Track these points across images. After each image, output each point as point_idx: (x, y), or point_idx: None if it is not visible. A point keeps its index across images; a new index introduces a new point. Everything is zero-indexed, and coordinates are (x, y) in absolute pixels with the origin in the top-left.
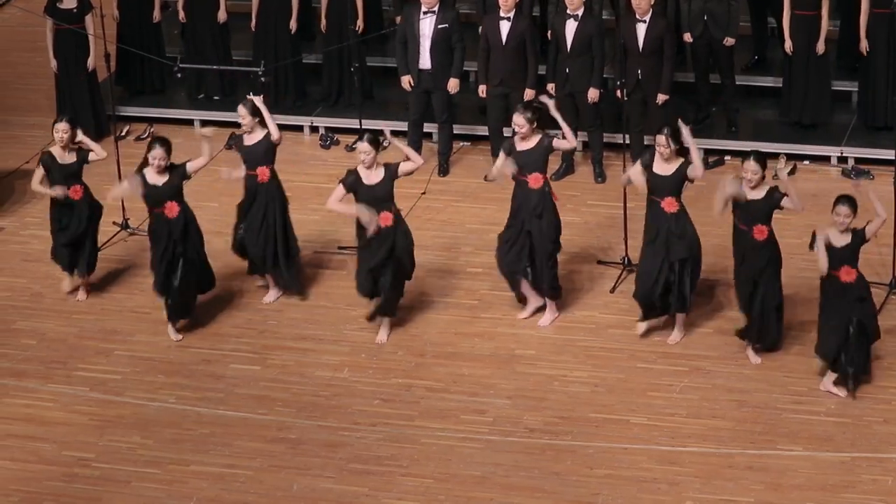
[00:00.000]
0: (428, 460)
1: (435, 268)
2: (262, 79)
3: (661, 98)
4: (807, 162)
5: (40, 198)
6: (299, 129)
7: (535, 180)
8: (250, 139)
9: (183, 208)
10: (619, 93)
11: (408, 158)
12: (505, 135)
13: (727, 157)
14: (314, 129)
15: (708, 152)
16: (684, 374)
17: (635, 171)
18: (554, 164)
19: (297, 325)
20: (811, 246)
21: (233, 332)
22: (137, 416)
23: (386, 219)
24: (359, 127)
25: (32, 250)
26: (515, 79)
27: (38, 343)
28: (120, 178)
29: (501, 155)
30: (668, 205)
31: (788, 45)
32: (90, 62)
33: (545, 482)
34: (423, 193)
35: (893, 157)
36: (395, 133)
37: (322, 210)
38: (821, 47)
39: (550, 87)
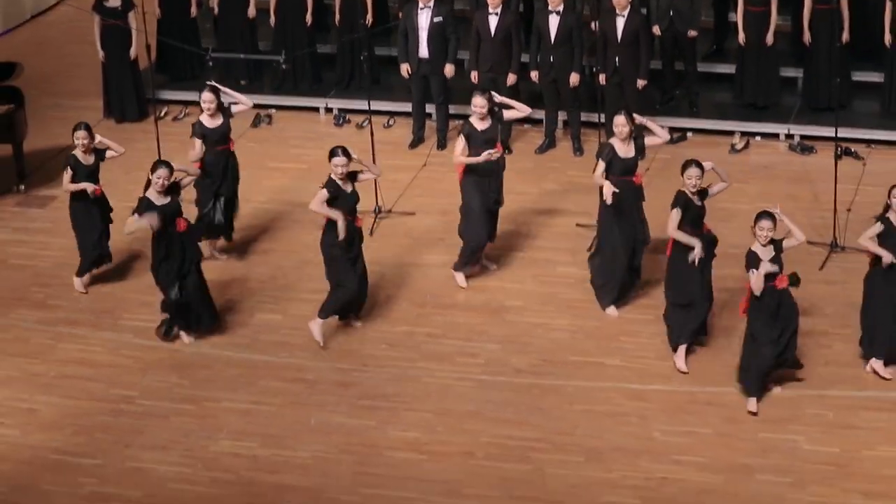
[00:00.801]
0: (427, 397)
1: (434, 230)
2: (283, 66)
3: (641, 83)
4: (758, 138)
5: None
6: (315, 110)
7: (497, 148)
8: (213, 122)
9: (188, 222)
10: (598, 78)
11: (366, 170)
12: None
13: (689, 133)
14: (328, 110)
15: (672, 129)
16: (651, 322)
17: (599, 176)
18: (537, 139)
19: (313, 279)
20: (748, 268)
21: (256, 287)
22: (175, 360)
23: (359, 221)
24: (368, 108)
25: None
26: (502, 66)
27: (88, 296)
28: (159, 153)
29: (461, 139)
30: (636, 179)
31: (741, 36)
32: (132, 52)
33: (530, 416)
34: (424, 165)
35: (833, 135)
36: (396, 113)
37: None
38: (769, 39)
39: (534, 74)
